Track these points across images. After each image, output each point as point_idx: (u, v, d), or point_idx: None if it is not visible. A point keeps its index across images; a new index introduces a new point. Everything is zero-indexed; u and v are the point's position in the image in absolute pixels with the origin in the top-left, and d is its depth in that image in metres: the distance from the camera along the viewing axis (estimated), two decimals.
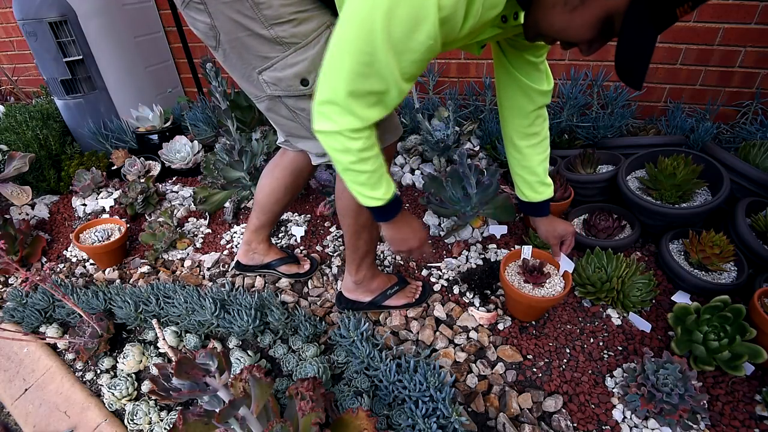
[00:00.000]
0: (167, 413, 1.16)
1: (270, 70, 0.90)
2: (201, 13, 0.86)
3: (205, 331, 1.32)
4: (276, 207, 1.35)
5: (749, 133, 1.84)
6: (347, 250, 1.24)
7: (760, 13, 1.76)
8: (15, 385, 1.36)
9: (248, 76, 0.94)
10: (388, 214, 0.94)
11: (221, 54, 0.93)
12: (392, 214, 0.94)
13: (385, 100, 0.74)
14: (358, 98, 0.73)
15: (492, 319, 1.29)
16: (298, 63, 0.88)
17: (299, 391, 0.90)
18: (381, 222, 0.99)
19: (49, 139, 2.22)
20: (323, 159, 1.09)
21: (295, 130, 1.04)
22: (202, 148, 2.20)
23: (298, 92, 0.92)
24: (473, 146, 2.09)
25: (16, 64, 3.29)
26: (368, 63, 0.68)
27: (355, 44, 0.67)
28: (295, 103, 0.95)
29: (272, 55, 0.88)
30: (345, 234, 1.20)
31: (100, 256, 1.66)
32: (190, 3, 0.86)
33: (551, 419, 1.06)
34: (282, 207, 1.36)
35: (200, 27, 0.89)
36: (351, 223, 1.13)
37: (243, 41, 0.87)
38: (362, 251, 1.22)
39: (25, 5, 1.96)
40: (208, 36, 0.90)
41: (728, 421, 1.02)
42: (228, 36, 0.87)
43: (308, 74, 0.89)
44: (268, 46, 0.86)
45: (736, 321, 1.08)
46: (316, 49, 0.87)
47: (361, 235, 1.16)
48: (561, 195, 1.53)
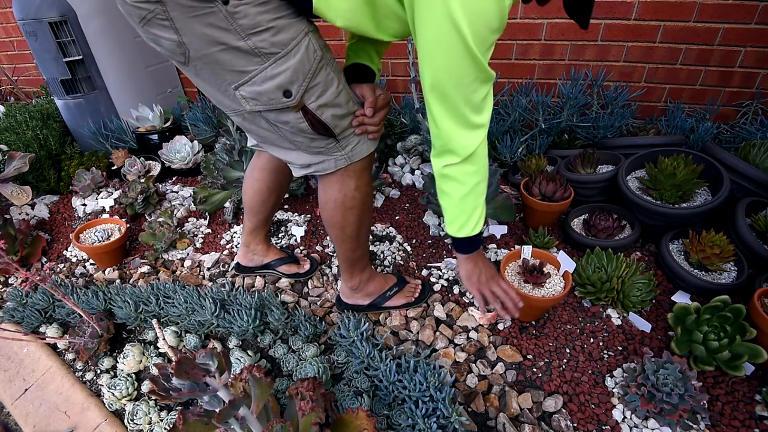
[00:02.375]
0: (167, 413, 1.16)
1: (248, 85, 0.83)
2: (165, 30, 0.76)
3: (205, 331, 1.32)
4: (264, 207, 1.34)
5: (749, 133, 1.84)
6: (339, 259, 1.24)
7: (760, 13, 1.76)
8: (15, 385, 1.36)
9: (223, 91, 0.86)
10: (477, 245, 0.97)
11: (191, 70, 0.84)
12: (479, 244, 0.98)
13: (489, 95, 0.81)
14: (477, 108, 0.81)
15: (492, 319, 1.29)
16: (279, 74, 0.81)
17: (299, 391, 0.90)
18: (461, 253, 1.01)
19: (49, 139, 2.22)
20: (306, 170, 1.01)
21: (277, 141, 0.97)
22: (202, 148, 2.20)
23: (281, 105, 0.85)
24: None
25: (16, 64, 3.29)
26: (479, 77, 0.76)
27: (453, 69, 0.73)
28: (277, 117, 0.88)
29: (249, 68, 0.80)
30: (334, 243, 1.19)
31: (100, 256, 1.66)
32: (152, 20, 0.75)
33: (551, 419, 1.06)
34: (271, 207, 1.35)
35: (165, 44, 0.79)
36: (338, 233, 1.12)
37: (216, 57, 0.78)
38: (352, 258, 1.21)
39: (25, 5, 1.96)
40: (174, 53, 0.80)
41: (728, 421, 1.02)
42: (200, 52, 0.78)
43: (291, 85, 0.83)
44: (245, 59, 0.79)
45: (736, 321, 1.08)
46: (297, 57, 0.81)
47: (349, 245, 1.16)
48: (561, 195, 1.53)
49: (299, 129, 0.90)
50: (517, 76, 2.20)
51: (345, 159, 0.98)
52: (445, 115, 0.82)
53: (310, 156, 0.98)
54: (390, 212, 1.82)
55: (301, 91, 0.83)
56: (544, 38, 2.05)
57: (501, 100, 2.19)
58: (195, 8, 0.72)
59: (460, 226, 0.96)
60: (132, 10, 0.75)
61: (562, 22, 1.98)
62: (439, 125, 0.84)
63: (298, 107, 0.85)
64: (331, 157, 0.97)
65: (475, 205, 0.93)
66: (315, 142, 0.94)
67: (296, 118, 0.87)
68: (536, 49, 2.09)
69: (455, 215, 0.94)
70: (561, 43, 2.04)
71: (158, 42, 0.80)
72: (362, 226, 1.12)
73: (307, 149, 0.96)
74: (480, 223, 0.95)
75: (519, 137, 1.94)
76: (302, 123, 0.88)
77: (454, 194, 0.91)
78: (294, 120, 0.88)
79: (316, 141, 0.93)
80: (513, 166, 1.95)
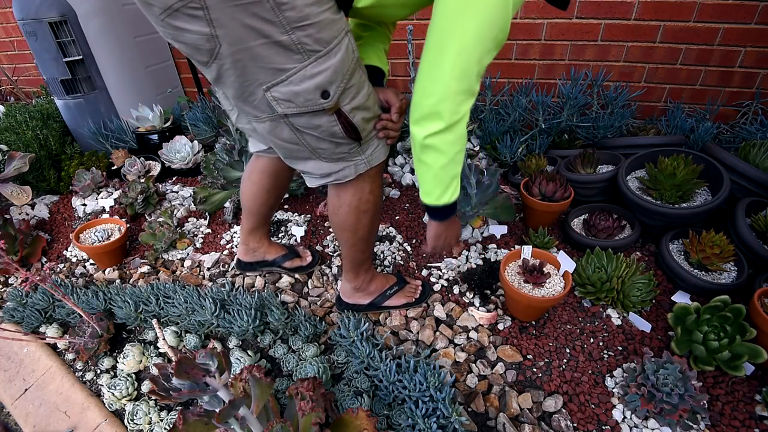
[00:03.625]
0: (167, 413, 1.16)
1: (284, 84, 0.78)
2: (195, 22, 0.69)
3: (205, 331, 1.32)
4: (263, 209, 1.34)
5: (749, 133, 1.84)
6: (344, 260, 1.24)
7: (760, 13, 1.76)
8: (15, 385, 1.36)
9: (248, 95, 0.81)
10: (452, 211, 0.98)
11: (214, 70, 0.78)
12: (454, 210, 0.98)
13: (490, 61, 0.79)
14: (480, 75, 0.78)
15: (492, 319, 1.29)
16: (319, 73, 0.77)
17: (299, 391, 0.90)
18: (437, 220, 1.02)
19: (49, 139, 2.22)
20: (325, 180, 0.99)
21: (296, 151, 0.94)
22: (202, 148, 2.20)
23: (317, 107, 0.81)
24: (473, 146, 2.09)
25: (16, 64, 3.29)
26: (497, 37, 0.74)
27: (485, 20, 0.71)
28: (309, 121, 0.84)
29: (289, 66, 0.76)
30: (342, 246, 1.19)
31: (100, 256, 1.66)
32: (180, 9, 0.68)
33: (551, 419, 1.06)
34: (269, 208, 1.35)
35: (189, 39, 0.72)
36: (349, 236, 1.12)
37: (254, 52, 0.73)
38: (361, 259, 1.21)
39: (25, 5, 1.96)
40: (199, 50, 0.74)
41: (728, 421, 1.02)
42: (234, 47, 0.73)
43: (330, 85, 0.79)
44: (285, 55, 0.75)
45: (736, 321, 1.08)
46: (339, 56, 0.78)
47: (359, 247, 1.16)
48: (561, 195, 1.53)
49: (330, 133, 0.87)
50: (517, 76, 2.20)
51: (365, 164, 0.97)
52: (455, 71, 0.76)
53: (330, 164, 0.96)
54: (390, 212, 1.82)
55: (338, 92, 0.81)
56: (544, 38, 2.05)
57: (501, 100, 2.19)
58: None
59: (437, 196, 0.93)
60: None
61: (562, 22, 1.98)
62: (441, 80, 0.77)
63: (333, 109, 0.83)
64: (351, 162, 0.96)
65: (454, 175, 0.90)
66: (340, 147, 0.92)
67: (329, 122, 0.85)
68: (536, 49, 2.09)
69: (433, 186, 0.91)
70: (561, 43, 2.04)
71: (180, 37, 0.73)
72: (373, 229, 1.12)
73: (330, 156, 0.94)
74: (456, 191, 0.93)
75: (519, 137, 1.94)
76: (335, 126, 0.86)
77: (434, 164, 0.87)
78: (327, 124, 0.85)
79: (341, 146, 0.92)
80: (513, 166, 1.95)
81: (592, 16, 1.94)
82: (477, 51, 0.74)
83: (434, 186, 0.91)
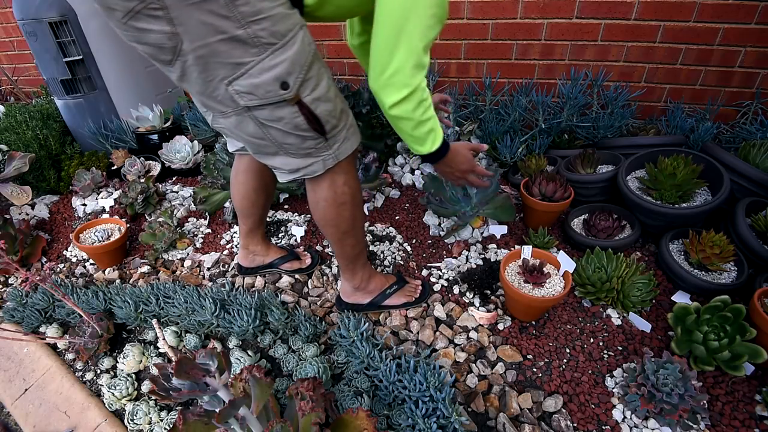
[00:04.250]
0: (167, 413, 1.16)
1: (244, 78, 0.81)
2: (156, 21, 0.73)
3: (205, 331, 1.32)
4: (255, 209, 1.34)
5: (749, 133, 1.84)
6: (337, 258, 1.24)
7: (760, 13, 1.76)
8: (15, 385, 1.36)
9: (212, 90, 0.84)
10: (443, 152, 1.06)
11: (177, 68, 0.81)
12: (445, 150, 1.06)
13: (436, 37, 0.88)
14: (427, 50, 0.87)
15: (492, 319, 1.29)
16: (277, 65, 0.81)
17: (299, 391, 0.90)
18: (433, 162, 1.10)
19: (49, 139, 2.22)
20: (294, 175, 1.01)
21: (263, 147, 0.96)
22: (202, 148, 2.20)
23: (277, 98, 0.84)
24: None
25: (16, 64, 3.29)
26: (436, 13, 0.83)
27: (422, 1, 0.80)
28: (272, 113, 0.87)
29: (246, 59, 0.79)
30: (330, 243, 1.19)
31: (100, 256, 1.66)
32: (142, 11, 0.71)
33: (551, 419, 1.06)
34: (261, 208, 1.35)
35: (152, 39, 0.75)
36: (333, 231, 1.13)
37: (213, 47, 0.76)
38: (351, 255, 1.21)
39: (25, 5, 1.96)
40: (162, 49, 0.77)
41: (728, 421, 1.02)
42: (194, 44, 0.76)
43: (288, 76, 0.82)
44: (242, 49, 0.78)
45: (736, 321, 1.08)
46: (294, 48, 0.81)
47: (346, 241, 1.16)
48: (561, 195, 1.53)
49: (294, 125, 0.90)
50: (517, 76, 2.20)
51: (333, 158, 0.99)
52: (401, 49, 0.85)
53: (298, 160, 0.98)
54: (390, 212, 1.82)
55: (297, 82, 0.84)
56: (544, 38, 2.05)
57: (501, 100, 2.19)
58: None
59: (419, 147, 1.03)
60: (117, 3, 0.71)
61: (562, 22, 1.98)
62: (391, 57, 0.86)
63: (294, 100, 0.86)
64: (319, 158, 0.98)
65: (428, 129, 0.99)
66: (306, 142, 0.94)
67: (291, 113, 0.88)
68: (536, 49, 2.09)
69: (413, 141, 1.01)
70: (561, 43, 2.04)
71: (143, 38, 0.76)
72: (356, 220, 1.12)
73: (296, 152, 0.96)
74: (438, 138, 1.02)
75: (519, 137, 1.94)
76: (298, 117, 0.88)
77: (406, 128, 0.97)
78: (289, 115, 0.88)
79: (307, 141, 0.94)
80: (513, 166, 1.95)
81: (592, 16, 1.94)
82: (418, 29, 0.83)
83: (414, 141, 1.01)
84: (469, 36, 2.13)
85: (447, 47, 2.19)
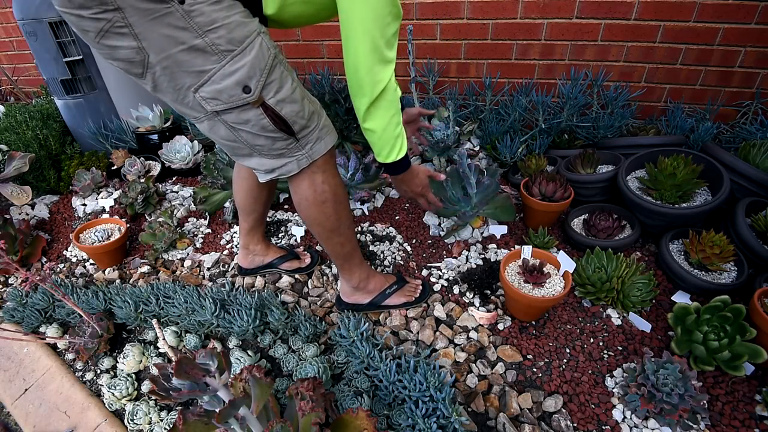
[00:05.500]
0: (167, 413, 1.16)
1: (208, 84, 0.85)
2: (124, 38, 0.78)
3: (205, 331, 1.32)
4: (257, 206, 1.35)
5: (749, 133, 1.84)
6: (331, 257, 1.24)
7: (760, 13, 1.76)
8: (15, 385, 1.36)
9: (183, 98, 0.88)
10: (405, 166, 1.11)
11: (149, 80, 0.85)
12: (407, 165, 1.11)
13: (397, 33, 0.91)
14: (390, 44, 0.90)
15: (492, 319, 1.29)
16: (237, 70, 0.84)
17: (299, 391, 0.90)
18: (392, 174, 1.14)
19: (49, 139, 2.22)
20: (271, 175, 1.04)
21: (237, 149, 0.99)
22: (202, 148, 2.20)
23: (241, 101, 0.87)
24: (473, 146, 2.09)
25: (16, 64, 3.29)
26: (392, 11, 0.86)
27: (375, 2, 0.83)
28: (239, 116, 0.90)
29: (208, 67, 0.83)
30: (320, 242, 1.20)
31: (100, 256, 1.66)
32: (110, 30, 0.77)
33: (551, 419, 1.06)
34: (263, 204, 1.36)
35: (123, 54, 0.80)
36: (320, 230, 1.13)
37: (176, 58, 0.81)
38: (343, 253, 1.21)
39: (25, 5, 1.96)
40: (133, 63, 0.82)
41: (728, 421, 1.02)
42: (159, 55, 0.80)
43: (249, 80, 0.86)
44: (203, 57, 0.82)
45: (736, 321, 1.08)
46: (253, 53, 0.85)
47: (334, 239, 1.16)
48: (561, 195, 1.53)
49: (261, 126, 0.92)
50: (517, 76, 2.20)
51: (307, 158, 1.00)
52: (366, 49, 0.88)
53: (272, 160, 1.00)
54: (390, 212, 1.82)
55: (259, 86, 0.87)
56: (544, 38, 2.05)
57: (501, 100, 2.19)
58: (152, 10, 0.75)
59: (386, 155, 1.06)
60: (89, 24, 0.76)
61: (563, 22, 1.98)
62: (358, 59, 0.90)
63: (257, 103, 0.88)
64: (292, 158, 1.00)
65: (396, 135, 1.03)
66: (276, 143, 0.96)
67: (257, 115, 0.90)
68: (536, 49, 2.09)
69: (380, 147, 1.04)
70: (561, 43, 2.04)
71: (115, 54, 0.81)
72: (341, 218, 1.12)
73: (269, 153, 0.98)
74: (403, 149, 1.07)
75: (519, 137, 1.94)
76: (263, 119, 0.90)
77: (377, 129, 1.00)
78: (255, 118, 0.90)
79: (278, 142, 0.95)
80: (513, 166, 1.95)
81: (592, 16, 1.94)
82: (378, 27, 0.86)
83: (381, 147, 1.04)
84: (469, 36, 2.13)
85: (447, 47, 2.19)
